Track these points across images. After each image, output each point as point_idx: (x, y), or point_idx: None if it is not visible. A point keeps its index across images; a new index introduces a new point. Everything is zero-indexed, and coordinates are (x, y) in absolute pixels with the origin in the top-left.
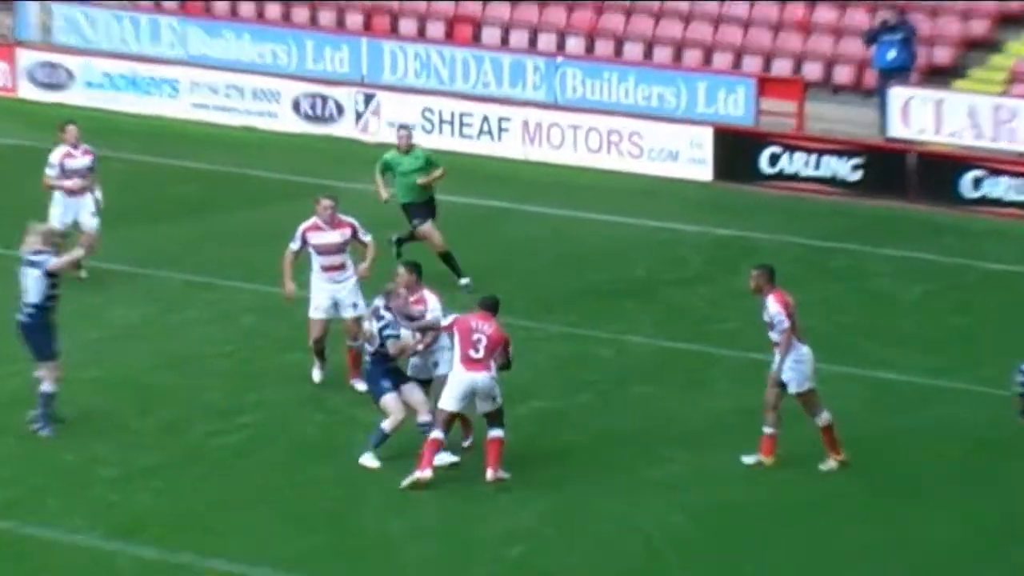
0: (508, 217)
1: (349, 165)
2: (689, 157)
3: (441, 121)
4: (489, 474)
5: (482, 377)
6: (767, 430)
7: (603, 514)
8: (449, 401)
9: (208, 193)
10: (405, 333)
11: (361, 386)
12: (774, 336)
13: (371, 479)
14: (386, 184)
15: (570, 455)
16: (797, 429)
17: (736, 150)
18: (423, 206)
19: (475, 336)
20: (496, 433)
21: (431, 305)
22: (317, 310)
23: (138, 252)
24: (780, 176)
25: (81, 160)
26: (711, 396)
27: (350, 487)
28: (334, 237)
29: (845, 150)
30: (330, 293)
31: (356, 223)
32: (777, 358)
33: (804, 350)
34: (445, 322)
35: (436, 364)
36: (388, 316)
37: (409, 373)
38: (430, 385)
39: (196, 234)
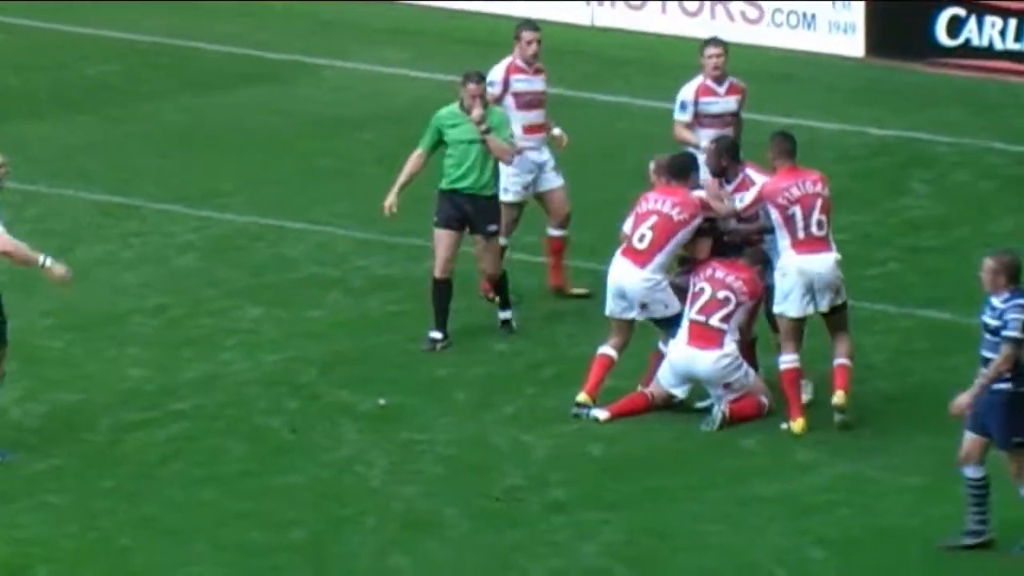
0: (566, 111)
1: (330, 34)
2: (831, 22)
3: None
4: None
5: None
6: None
7: (698, 544)
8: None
9: (132, 74)
10: None
11: None
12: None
13: (367, 493)
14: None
15: (654, 458)
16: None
17: (899, 13)
18: None
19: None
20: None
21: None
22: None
23: (30, 160)
24: (964, 50)
25: None
26: (865, 374)
27: (333, 505)
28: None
29: None
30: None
31: None
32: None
33: None
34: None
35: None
36: None
37: None
38: None
39: (115, 135)
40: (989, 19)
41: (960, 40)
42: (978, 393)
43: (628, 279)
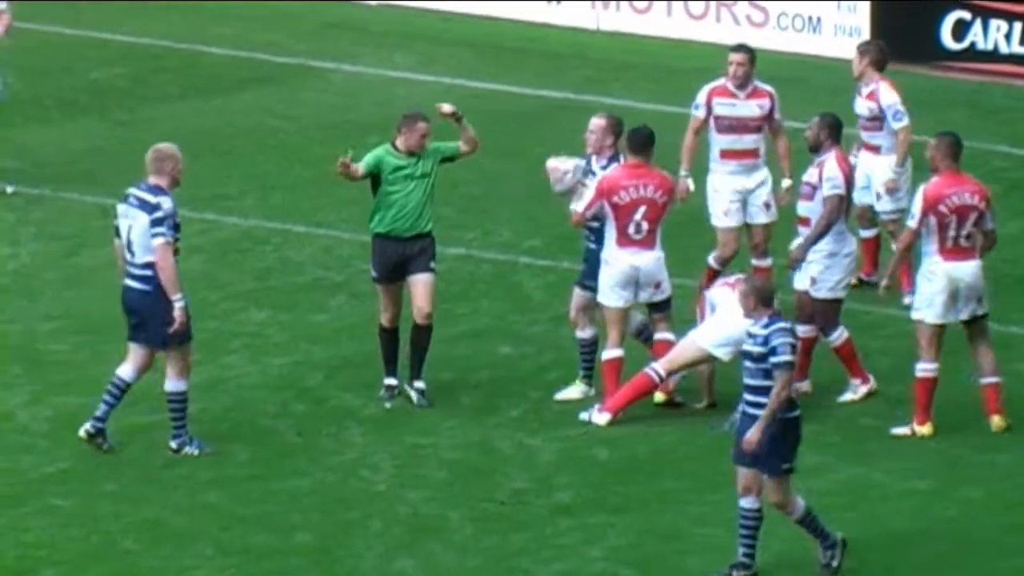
0: (571, 113)
1: (338, 37)
2: (837, 26)
3: None
4: None
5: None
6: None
7: (703, 547)
8: None
9: (137, 78)
10: None
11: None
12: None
13: (373, 496)
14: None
15: (660, 461)
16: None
17: (904, 16)
18: None
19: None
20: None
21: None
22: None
23: (35, 163)
24: (969, 53)
25: None
26: (874, 374)
27: (339, 509)
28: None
29: None
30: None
31: None
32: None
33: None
34: None
35: None
36: None
37: None
38: None
39: (121, 137)
40: (994, 22)
41: (965, 43)
42: (765, 426)
43: (642, 260)
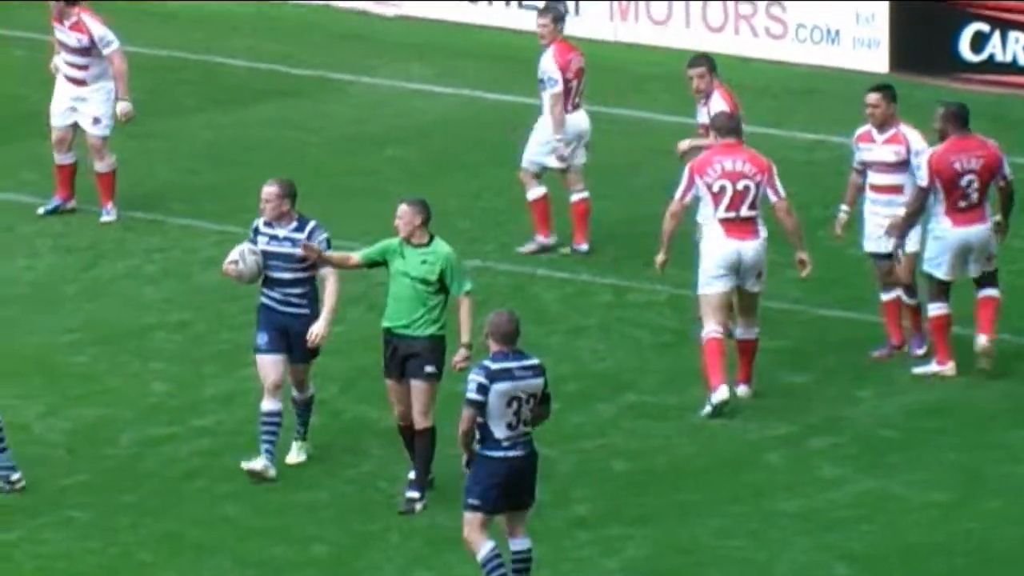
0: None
1: (355, 49)
2: (855, 38)
3: None
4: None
5: None
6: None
7: (721, 559)
8: None
9: (154, 91)
10: None
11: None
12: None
13: (390, 508)
14: None
15: (677, 475)
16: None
17: (923, 28)
18: None
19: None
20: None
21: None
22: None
23: (53, 176)
24: (988, 66)
25: (67, 36)
26: (891, 388)
27: (357, 523)
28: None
29: None
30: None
31: None
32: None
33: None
34: None
35: None
36: None
37: None
38: None
39: (135, 151)
40: (1013, 34)
41: (984, 56)
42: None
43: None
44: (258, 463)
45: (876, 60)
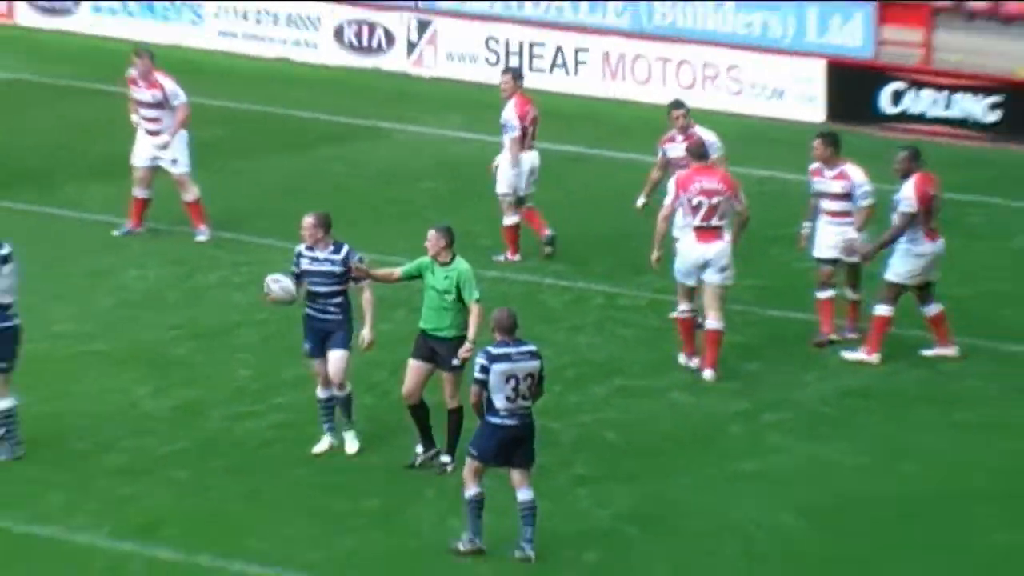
0: (585, 165)
1: (400, 104)
2: (797, 95)
3: (508, 52)
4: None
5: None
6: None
7: (694, 511)
8: None
9: (236, 136)
10: None
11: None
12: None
13: (428, 473)
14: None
15: (658, 442)
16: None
17: (852, 87)
18: None
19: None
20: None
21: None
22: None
23: (156, 205)
24: (904, 117)
25: (144, 94)
26: (828, 373)
27: (402, 482)
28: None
29: (981, 86)
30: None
31: None
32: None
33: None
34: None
35: None
36: None
37: None
38: None
39: (223, 184)
40: (924, 92)
41: (901, 108)
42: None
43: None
44: (322, 444)
45: (815, 112)
